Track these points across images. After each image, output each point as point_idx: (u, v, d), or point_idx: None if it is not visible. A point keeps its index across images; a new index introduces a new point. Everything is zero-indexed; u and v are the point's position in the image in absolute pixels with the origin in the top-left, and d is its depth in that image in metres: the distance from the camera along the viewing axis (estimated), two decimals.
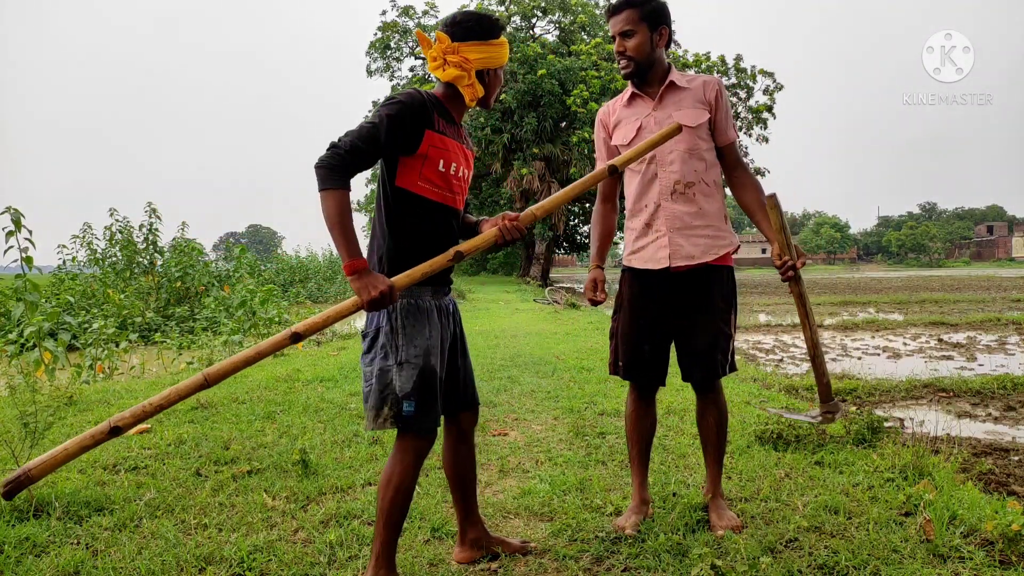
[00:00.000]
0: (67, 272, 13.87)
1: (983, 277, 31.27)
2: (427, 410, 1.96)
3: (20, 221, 5.04)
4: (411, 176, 1.97)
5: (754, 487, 2.87)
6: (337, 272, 26.49)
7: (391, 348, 1.96)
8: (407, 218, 2.00)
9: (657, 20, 2.39)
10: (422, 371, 1.95)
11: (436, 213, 2.03)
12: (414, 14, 26.05)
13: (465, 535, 2.27)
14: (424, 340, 1.98)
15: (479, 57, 2.03)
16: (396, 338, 1.96)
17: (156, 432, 3.79)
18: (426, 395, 1.96)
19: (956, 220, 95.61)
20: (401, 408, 1.93)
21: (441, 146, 2.00)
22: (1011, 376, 5.58)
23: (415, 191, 1.98)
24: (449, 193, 2.05)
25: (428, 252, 1.99)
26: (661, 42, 2.42)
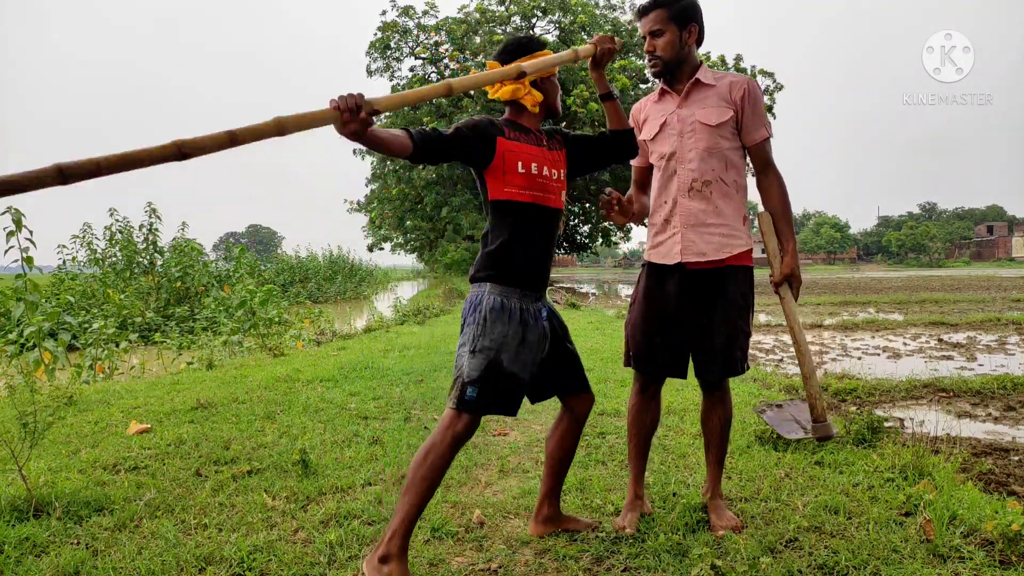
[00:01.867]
0: (67, 272, 13.88)
1: (983, 277, 31.26)
2: (487, 399, 2.10)
3: (20, 221, 5.04)
4: (498, 186, 2.18)
5: (754, 487, 2.87)
6: (337, 272, 26.50)
7: (471, 338, 2.14)
8: (505, 226, 2.19)
9: (686, 18, 2.40)
10: (490, 363, 2.10)
11: (529, 213, 2.20)
12: (414, 14, 26.04)
13: (541, 511, 2.45)
14: (499, 336, 2.12)
15: (530, 68, 2.15)
16: (477, 330, 2.14)
17: (156, 432, 3.79)
18: (488, 386, 2.10)
19: (956, 220, 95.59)
20: (465, 392, 2.10)
21: (516, 150, 2.19)
22: (1011, 376, 5.58)
23: (505, 198, 2.18)
24: (539, 192, 2.21)
25: (521, 248, 2.19)
26: (691, 39, 2.43)
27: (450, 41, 25.69)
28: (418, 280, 43.97)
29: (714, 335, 2.44)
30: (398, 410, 4.33)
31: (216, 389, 5.05)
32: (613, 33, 24.91)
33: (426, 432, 3.78)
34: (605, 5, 26.88)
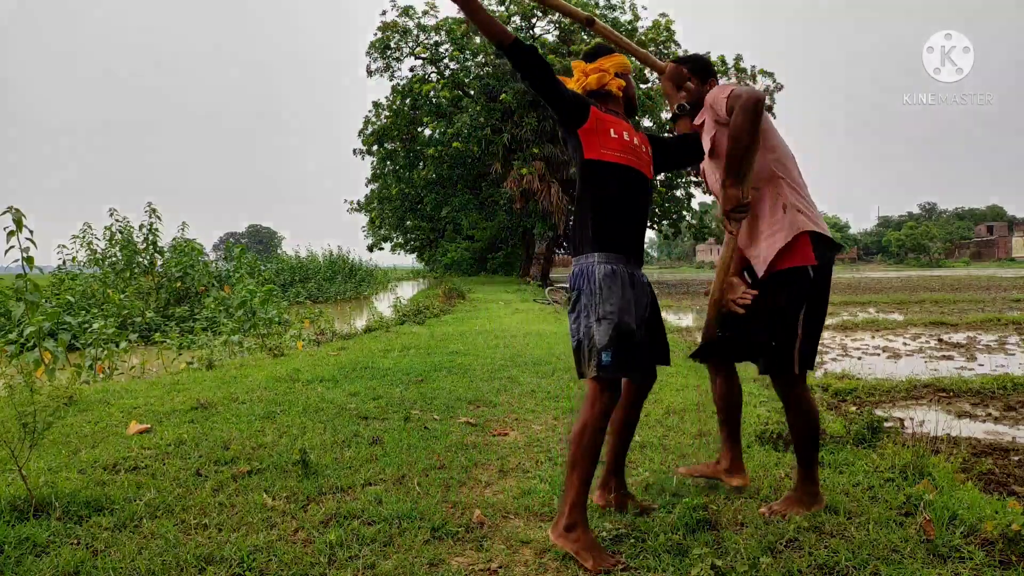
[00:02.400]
0: (67, 272, 13.89)
1: (983, 277, 31.25)
2: (622, 361, 2.24)
3: (21, 221, 5.04)
4: (595, 147, 2.37)
5: (754, 487, 2.87)
6: (337, 272, 26.49)
7: (592, 307, 2.27)
8: (600, 185, 2.36)
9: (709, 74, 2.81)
10: (617, 326, 2.24)
11: (624, 175, 2.37)
12: (414, 14, 26.04)
13: (608, 484, 2.59)
14: (619, 300, 2.27)
15: (612, 64, 2.54)
16: (595, 298, 2.27)
17: (156, 432, 3.79)
18: (621, 347, 2.23)
19: (956, 220, 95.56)
20: (600, 359, 2.22)
21: (607, 119, 2.42)
22: (1011, 376, 5.58)
23: (601, 158, 2.36)
24: (633, 156, 2.41)
25: (619, 213, 2.35)
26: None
27: (450, 41, 25.69)
28: (418, 280, 43.96)
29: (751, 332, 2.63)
30: (398, 410, 4.33)
31: (216, 389, 5.04)
32: None
33: (426, 432, 3.79)
34: (605, 5, 26.88)
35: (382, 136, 27.35)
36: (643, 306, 2.42)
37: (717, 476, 2.81)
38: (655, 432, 3.78)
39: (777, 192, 2.47)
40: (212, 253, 19.96)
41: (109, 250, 14.08)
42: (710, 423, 3.92)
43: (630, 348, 2.26)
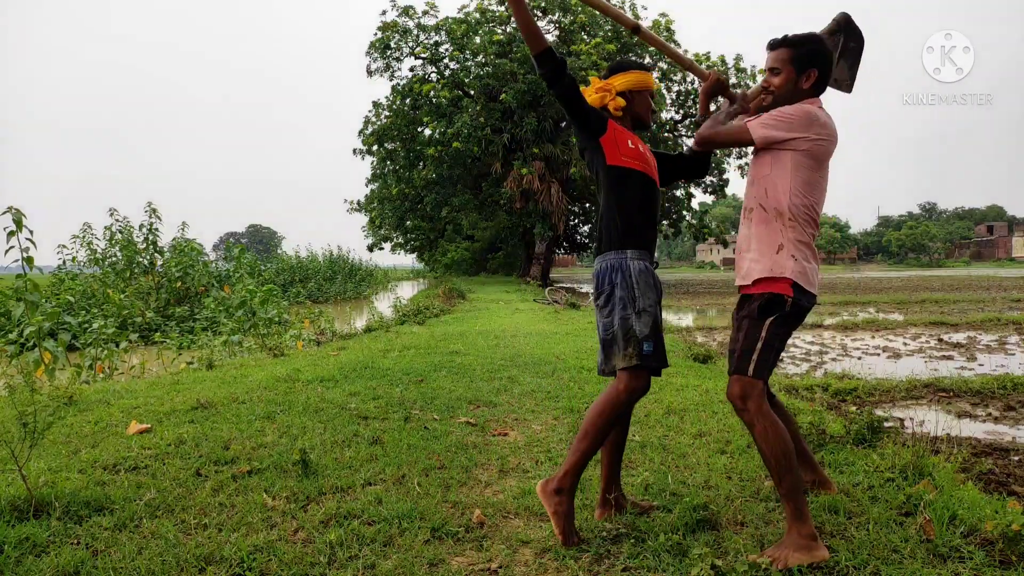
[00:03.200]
0: (67, 272, 13.89)
1: (983, 277, 31.25)
2: (660, 351, 2.42)
3: (21, 221, 5.04)
4: (615, 154, 2.50)
5: (754, 487, 2.87)
6: (337, 272, 26.49)
7: (630, 300, 2.41)
8: (622, 189, 2.50)
9: (805, 64, 2.46)
10: (655, 320, 2.42)
11: (640, 181, 2.51)
12: (414, 14, 26.03)
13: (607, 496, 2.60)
14: (653, 296, 2.45)
15: (621, 82, 2.61)
16: (634, 292, 2.41)
17: (156, 432, 3.79)
18: (658, 340, 2.42)
19: (956, 220, 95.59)
20: (642, 348, 2.37)
21: (623, 131, 2.56)
22: (1011, 376, 5.58)
23: (622, 164, 2.50)
24: (646, 165, 2.55)
25: (642, 215, 2.50)
26: (807, 83, 2.47)
27: (450, 41, 25.68)
28: (418, 280, 43.96)
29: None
30: (398, 410, 4.33)
31: (216, 389, 5.05)
32: (613, 34, 24.89)
33: (426, 432, 3.79)
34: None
35: (382, 136, 27.34)
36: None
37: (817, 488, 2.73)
38: (655, 432, 3.78)
39: (783, 231, 2.40)
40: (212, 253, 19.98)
41: (109, 250, 14.09)
42: (710, 423, 3.92)
43: (662, 340, 2.45)
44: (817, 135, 2.37)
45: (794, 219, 2.39)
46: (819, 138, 2.37)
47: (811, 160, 2.39)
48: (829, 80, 2.53)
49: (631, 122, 2.68)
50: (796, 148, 2.37)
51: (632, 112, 2.65)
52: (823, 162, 2.42)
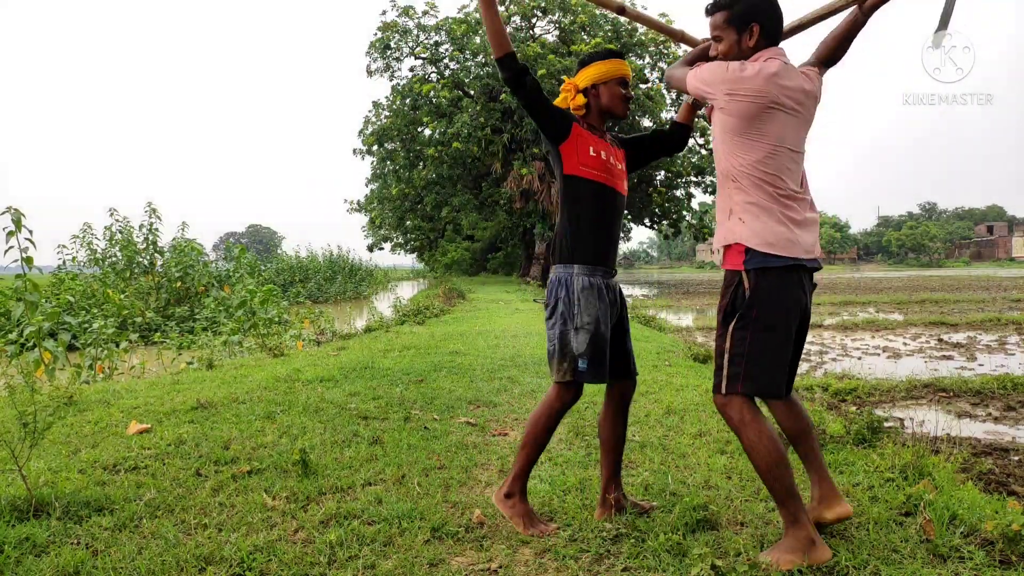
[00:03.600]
0: (67, 272, 13.89)
1: (983, 277, 31.26)
2: (597, 368, 2.43)
3: (20, 221, 5.04)
4: (573, 162, 2.47)
5: (754, 487, 2.87)
6: (337, 272, 26.49)
7: (569, 316, 2.42)
8: (577, 200, 2.47)
9: (744, 20, 2.29)
10: (593, 336, 2.41)
11: (599, 192, 2.48)
12: (414, 14, 26.03)
13: (607, 496, 2.59)
14: (595, 311, 2.42)
15: (588, 75, 2.55)
16: (575, 308, 2.42)
17: (156, 432, 3.79)
18: (595, 355, 2.42)
19: (956, 220, 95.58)
20: (577, 365, 2.41)
21: (587, 136, 2.49)
22: (1011, 376, 5.58)
23: (579, 174, 2.46)
24: (607, 175, 2.49)
25: (596, 228, 2.47)
26: (750, 40, 2.29)
27: (450, 41, 25.68)
28: (418, 280, 43.96)
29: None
30: (398, 410, 4.33)
31: (216, 389, 5.04)
32: (613, 34, 24.89)
33: (426, 432, 3.79)
34: None
35: (382, 136, 27.35)
36: (613, 316, 2.54)
37: (818, 519, 2.36)
38: (655, 432, 3.78)
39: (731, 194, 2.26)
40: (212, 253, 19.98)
41: (109, 250, 14.09)
42: (710, 423, 3.92)
43: (603, 357, 2.45)
44: (732, 90, 2.19)
45: (737, 181, 2.23)
46: (736, 93, 2.19)
47: (734, 119, 2.21)
48: (783, 27, 2.34)
49: (601, 116, 2.60)
50: (717, 105, 2.25)
51: (599, 106, 2.57)
52: (751, 121, 2.19)
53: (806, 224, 2.25)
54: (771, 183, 2.21)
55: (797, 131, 2.26)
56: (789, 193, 2.23)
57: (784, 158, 2.22)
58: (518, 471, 2.51)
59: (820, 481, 2.40)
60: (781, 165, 2.22)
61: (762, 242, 2.18)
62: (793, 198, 2.24)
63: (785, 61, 2.28)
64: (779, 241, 2.18)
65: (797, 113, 2.24)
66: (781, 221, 2.20)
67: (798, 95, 2.24)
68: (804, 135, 2.31)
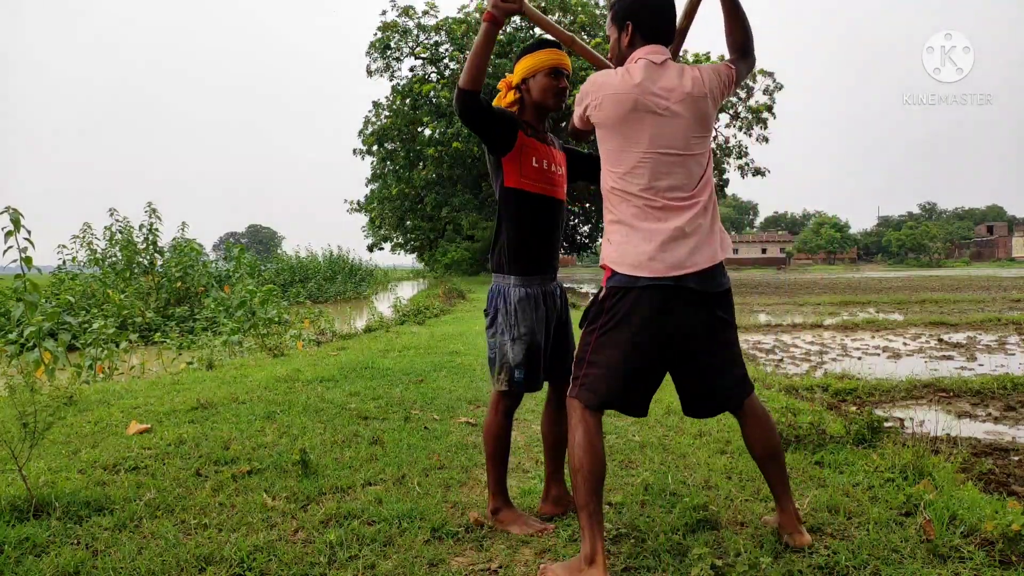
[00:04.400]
0: (67, 272, 13.89)
1: (983, 277, 31.27)
2: (532, 377, 2.47)
3: (19, 221, 5.03)
4: (514, 175, 2.43)
5: (754, 487, 2.87)
6: (337, 272, 26.49)
7: (507, 327, 2.44)
8: (516, 212, 2.45)
9: (620, 20, 2.25)
10: (529, 346, 2.44)
11: (539, 204, 2.46)
12: (414, 14, 26.05)
13: (549, 493, 2.64)
14: (532, 322, 2.44)
15: (520, 69, 2.49)
16: (511, 319, 2.44)
17: (156, 432, 3.79)
18: (531, 365, 2.45)
19: (956, 220, 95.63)
20: (513, 375, 2.44)
21: (531, 145, 2.45)
22: (1011, 376, 5.58)
23: (519, 187, 2.43)
24: (548, 186, 2.48)
25: (536, 239, 2.47)
26: (626, 38, 2.24)
27: (450, 41, 25.70)
28: (418, 280, 43.94)
29: None
30: (398, 410, 4.33)
31: (216, 389, 5.05)
32: None
33: (426, 432, 3.79)
34: (605, 5, 26.88)
35: (382, 136, 27.37)
36: (551, 321, 2.55)
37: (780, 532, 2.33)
38: (655, 432, 3.78)
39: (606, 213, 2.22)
40: (212, 253, 19.98)
41: (109, 250, 14.09)
42: (710, 423, 3.92)
43: (538, 366, 2.48)
44: (594, 101, 2.16)
45: (608, 198, 2.19)
46: (599, 103, 2.15)
47: (601, 129, 2.18)
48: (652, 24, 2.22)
49: (536, 112, 2.50)
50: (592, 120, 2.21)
51: (531, 101, 2.48)
52: (617, 128, 2.13)
53: (683, 237, 2.09)
54: (640, 195, 2.11)
55: (675, 133, 2.12)
56: (663, 204, 2.10)
57: (658, 164, 2.11)
58: (493, 486, 2.53)
59: (782, 510, 2.30)
60: (656, 172, 2.10)
61: (626, 264, 2.10)
62: (669, 208, 2.11)
63: (653, 60, 2.16)
64: (641, 262, 2.08)
65: (672, 115, 2.12)
66: (648, 238, 2.10)
67: (670, 95, 2.12)
68: (691, 135, 2.15)
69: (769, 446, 2.27)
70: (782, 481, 2.29)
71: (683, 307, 2.10)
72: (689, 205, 2.13)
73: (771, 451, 2.27)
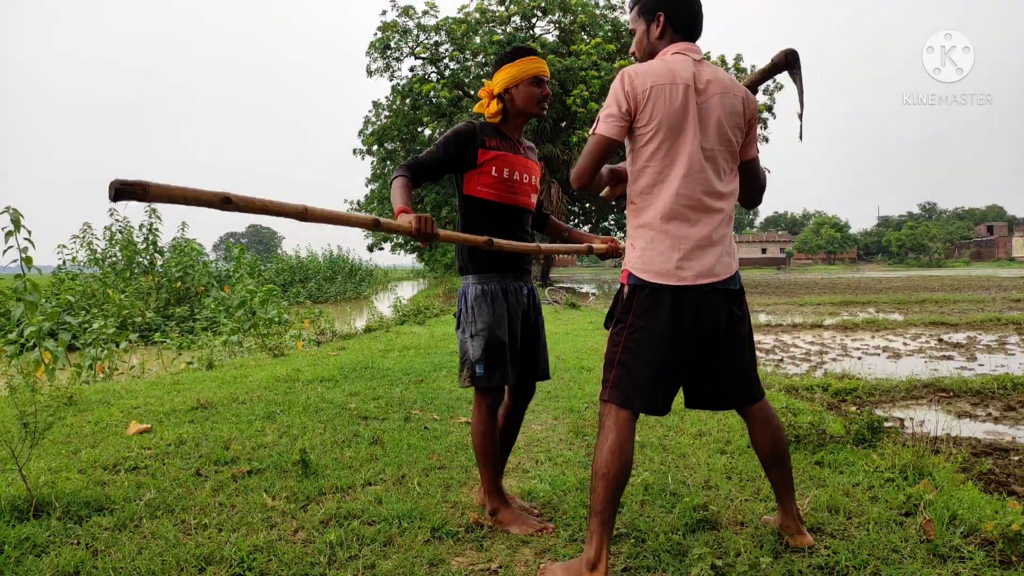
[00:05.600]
0: (67, 272, 13.88)
1: (983, 277, 31.26)
2: (492, 372, 2.45)
3: (19, 221, 5.04)
4: (472, 184, 2.49)
5: (754, 487, 2.87)
6: (337, 272, 26.49)
7: (467, 324, 2.48)
8: (475, 218, 2.50)
9: (651, 11, 2.18)
10: (487, 341, 2.44)
11: (498, 211, 2.50)
12: (414, 14, 26.02)
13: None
14: (489, 317, 2.46)
15: (501, 79, 2.51)
16: (469, 316, 2.48)
17: (156, 432, 3.79)
18: (491, 360, 2.44)
19: (956, 220, 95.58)
20: (474, 371, 2.45)
21: (495, 156, 2.48)
22: (1011, 376, 5.58)
23: (477, 195, 2.49)
24: (508, 194, 2.51)
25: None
26: (657, 30, 2.17)
27: (450, 41, 25.68)
28: (418, 280, 43.97)
29: None
30: (398, 410, 4.33)
31: (216, 389, 5.04)
32: (613, 34, 24.88)
33: (426, 432, 3.79)
34: (605, 5, 26.86)
35: (382, 136, 27.34)
36: (518, 317, 2.54)
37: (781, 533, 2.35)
38: (655, 432, 3.78)
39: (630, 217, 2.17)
40: (212, 253, 19.98)
41: (109, 250, 14.09)
42: (710, 423, 3.92)
43: (500, 359, 2.46)
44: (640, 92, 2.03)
45: (634, 202, 2.14)
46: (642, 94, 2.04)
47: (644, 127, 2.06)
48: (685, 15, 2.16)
49: (518, 120, 2.56)
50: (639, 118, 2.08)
51: (515, 109, 2.53)
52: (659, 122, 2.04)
53: (710, 245, 2.06)
54: (676, 196, 2.05)
55: (713, 133, 2.07)
56: (695, 207, 2.06)
57: (695, 166, 2.05)
58: (487, 486, 2.53)
59: (784, 512, 2.31)
60: (692, 174, 2.05)
61: (651, 272, 2.07)
62: (700, 211, 2.07)
63: (693, 57, 2.11)
64: (669, 270, 2.05)
65: (710, 113, 2.07)
66: (676, 245, 2.06)
67: (709, 90, 2.08)
68: (726, 137, 2.09)
69: (777, 450, 2.27)
70: (786, 484, 2.29)
71: (709, 306, 2.09)
72: (717, 211, 2.09)
73: (779, 454, 2.27)
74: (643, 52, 2.23)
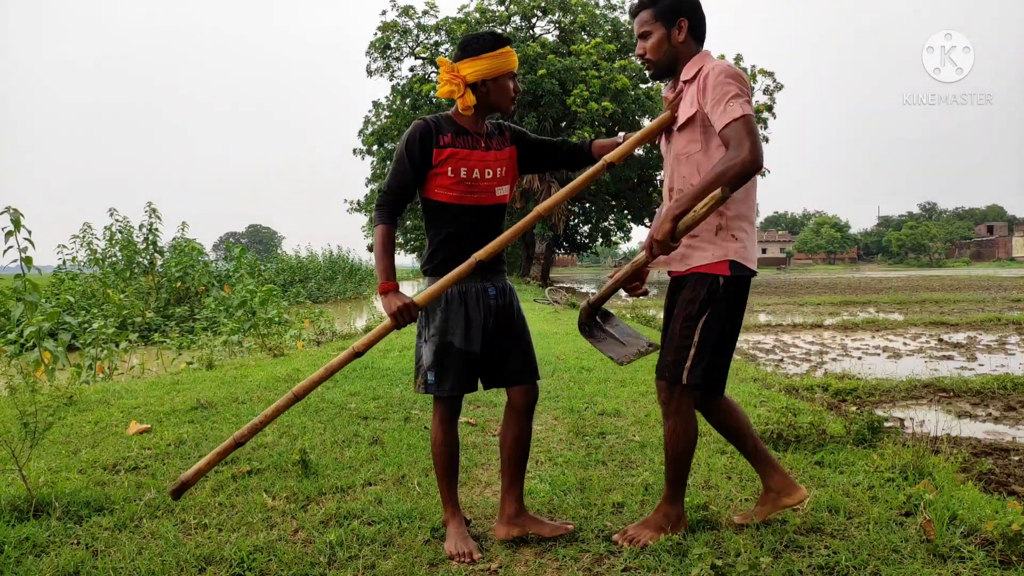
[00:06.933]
0: (67, 272, 13.88)
1: (983, 277, 31.27)
2: (444, 378, 2.35)
3: (19, 221, 5.03)
4: (430, 186, 2.35)
5: (754, 487, 2.87)
6: (337, 272, 26.49)
7: (422, 328, 2.41)
8: (437, 220, 2.38)
9: (672, 15, 2.24)
10: (438, 347, 2.35)
11: (458, 212, 2.34)
12: (414, 14, 26.03)
13: (504, 511, 2.41)
14: (441, 322, 2.34)
15: (473, 70, 2.28)
16: (423, 320, 2.39)
17: (156, 432, 3.79)
18: (442, 366, 2.35)
19: (956, 220, 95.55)
20: (427, 378, 2.37)
21: (451, 155, 2.30)
22: (1011, 376, 5.58)
23: (435, 198, 2.35)
24: (469, 194, 2.33)
25: (456, 245, 2.33)
26: (680, 35, 2.25)
27: (450, 41, 25.68)
28: (418, 280, 43.94)
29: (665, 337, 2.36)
30: (398, 410, 4.33)
31: (216, 389, 5.04)
32: (613, 34, 24.89)
33: (426, 432, 3.79)
34: (605, 5, 26.87)
35: (382, 136, 27.34)
36: (480, 319, 2.35)
37: (776, 508, 2.44)
38: (655, 432, 3.78)
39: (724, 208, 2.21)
40: (212, 253, 19.96)
41: (109, 250, 14.09)
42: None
43: (454, 366, 2.33)
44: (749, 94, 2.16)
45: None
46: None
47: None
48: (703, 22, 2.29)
49: (483, 114, 2.37)
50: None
51: (486, 103, 2.33)
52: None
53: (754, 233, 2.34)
54: (749, 194, 2.25)
55: None
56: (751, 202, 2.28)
57: None
58: (442, 495, 2.43)
59: (772, 473, 2.46)
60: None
61: (750, 260, 2.28)
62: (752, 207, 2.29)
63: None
64: (755, 257, 2.32)
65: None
66: (753, 235, 2.31)
67: None
68: None
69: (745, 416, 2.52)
70: (760, 452, 2.48)
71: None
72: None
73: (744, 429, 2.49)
74: (664, 56, 2.29)
